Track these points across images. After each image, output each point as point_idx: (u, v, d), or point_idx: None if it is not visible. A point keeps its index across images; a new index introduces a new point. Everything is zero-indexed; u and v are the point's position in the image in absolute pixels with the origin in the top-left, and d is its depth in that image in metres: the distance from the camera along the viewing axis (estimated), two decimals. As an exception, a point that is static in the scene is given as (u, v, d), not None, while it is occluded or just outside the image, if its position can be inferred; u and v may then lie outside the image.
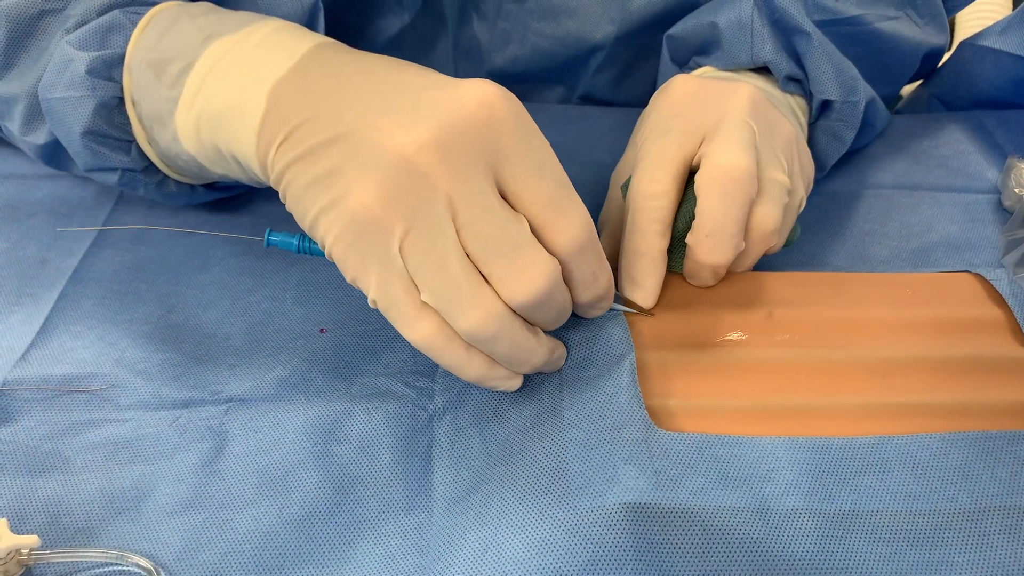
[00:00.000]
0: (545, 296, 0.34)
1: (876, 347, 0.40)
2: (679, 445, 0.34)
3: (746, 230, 0.40)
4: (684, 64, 0.54)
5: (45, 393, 0.41)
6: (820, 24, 0.50)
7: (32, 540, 0.34)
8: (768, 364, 0.39)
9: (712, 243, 0.39)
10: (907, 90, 0.69)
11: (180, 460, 0.38)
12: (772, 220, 0.40)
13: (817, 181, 0.54)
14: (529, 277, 0.33)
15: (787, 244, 0.45)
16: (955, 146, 0.58)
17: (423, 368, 0.42)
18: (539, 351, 0.36)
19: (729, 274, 0.43)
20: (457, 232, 0.33)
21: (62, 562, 0.34)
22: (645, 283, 0.40)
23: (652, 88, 0.63)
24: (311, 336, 0.44)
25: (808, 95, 0.50)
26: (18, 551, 0.33)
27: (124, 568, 0.34)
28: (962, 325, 0.41)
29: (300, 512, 0.37)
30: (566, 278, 0.36)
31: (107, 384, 0.41)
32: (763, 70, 0.50)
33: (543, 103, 0.65)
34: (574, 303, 0.37)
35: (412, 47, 0.62)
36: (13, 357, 0.42)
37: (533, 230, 0.34)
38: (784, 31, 0.49)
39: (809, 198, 0.53)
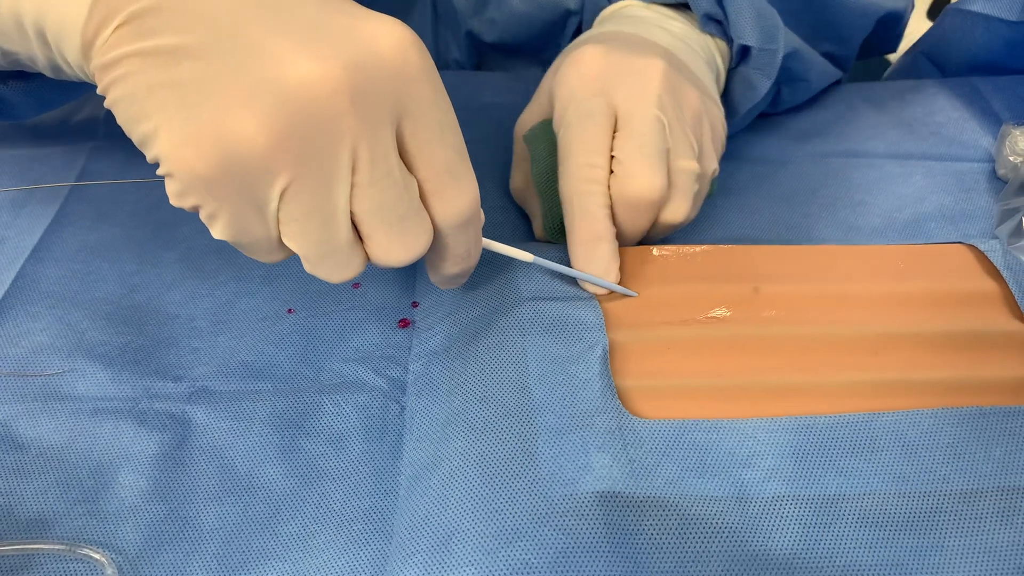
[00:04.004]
0: (409, 262, 0.33)
1: (867, 323, 0.38)
2: (654, 433, 0.33)
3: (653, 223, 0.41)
4: None
5: (-1, 378, 0.39)
6: None
7: (-20, 533, 0.32)
8: (754, 342, 0.37)
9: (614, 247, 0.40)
10: (894, 57, 0.68)
11: (140, 450, 0.37)
12: (681, 214, 0.41)
13: (804, 148, 0.53)
14: (408, 247, 0.32)
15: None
16: (949, 113, 0.56)
17: (394, 353, 0.41)
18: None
19: (714, 248, 0.42)
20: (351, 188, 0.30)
21: (12, 554, 0.33)
22: (612, 267, 0.40)
23: None
24: (278, 317, 0.42)
25: (729, 39, 0.49)
26: (-35, 545, 0.32)
27: (79, 560, 0.33)
28: (955, 298, 0.39)
29: (265, 509, 0.35)
30: (442, 248, 0.34)
31: (65, 368, 0.40)
32: (685, 7, 0.49)
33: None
34: (440, 274, 0.36)
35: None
36: (-33, 341, 0.41)
37: (422, 195, 0.32)
38: None
39: (800, 166, 0.52)
